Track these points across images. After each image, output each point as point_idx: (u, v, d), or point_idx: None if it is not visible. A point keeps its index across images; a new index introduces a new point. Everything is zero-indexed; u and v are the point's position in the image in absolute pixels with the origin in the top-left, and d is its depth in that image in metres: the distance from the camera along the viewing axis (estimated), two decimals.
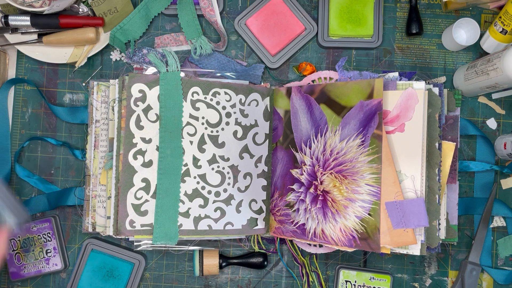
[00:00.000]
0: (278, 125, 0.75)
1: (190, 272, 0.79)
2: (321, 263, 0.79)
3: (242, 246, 0.78)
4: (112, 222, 0.67)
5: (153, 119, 0.68)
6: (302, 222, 0.71)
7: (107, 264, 0.76)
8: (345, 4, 0.77)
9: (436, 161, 0.67)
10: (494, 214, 0.78)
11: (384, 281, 0.76)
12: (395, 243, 0.64)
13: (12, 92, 0.79)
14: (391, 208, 0.64)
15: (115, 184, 0.67)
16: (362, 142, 0.66)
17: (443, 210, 0.70)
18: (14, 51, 0.79)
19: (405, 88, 0.66)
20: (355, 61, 0.80)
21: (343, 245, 0.67)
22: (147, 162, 0.67)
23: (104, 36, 0.77)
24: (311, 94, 0.71)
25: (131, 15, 0.76)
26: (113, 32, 0.75)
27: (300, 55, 0.80)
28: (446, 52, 0.80)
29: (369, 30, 0.77)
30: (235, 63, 0.77)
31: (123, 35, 0.76)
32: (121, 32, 0.76)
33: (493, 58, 0.69)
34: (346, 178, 0.67)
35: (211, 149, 0.70)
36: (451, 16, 0.80)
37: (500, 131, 0.79)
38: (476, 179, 0.79)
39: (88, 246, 0.76)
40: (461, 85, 0.77)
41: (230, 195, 0.71)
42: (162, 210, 0.67)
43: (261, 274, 0.79)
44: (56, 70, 0.79)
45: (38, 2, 0.75)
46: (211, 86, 0.70)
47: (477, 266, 0.75)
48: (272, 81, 0.79)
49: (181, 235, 0.68)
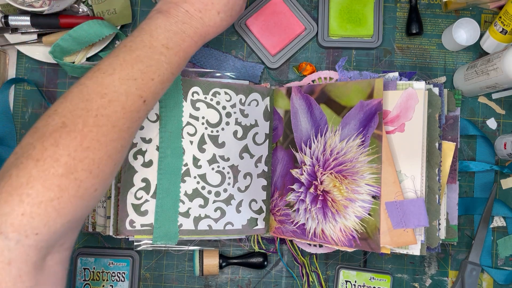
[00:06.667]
0: (278, 125, 0.75)
1: (190, 272, 0.79)
2: (321, 263, 0.79)
3: (242, 246, 0.78)
4: (112, 222, 0.67)
5: (153, 119, 0.68)
6: (302, 222, 0.71)
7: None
8: (345, 4, 0.77)
9: (436, 161, 0.67)
10: (494, 214, 0.78)
11: (384, 281, 0.76)
12: (395, 243, 0.64)
13: (12, 92, 0.79)
14: (391, 208, 0.64)
15: (115, 184, 0.67)
16: (362, 142, 0.66)
17: (443, 210, 0.70)
18: (14, 51, 0.79)
19: (405, 88, 0.66)
20: (355, 61, 0.80)
21: (343, 245, 0.67)
22: (147, 162, 0.67)
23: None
24: (311, 94, 0.71)
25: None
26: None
27: (300, 55, 0.80)
28: (446, 52, 0.80)
29: (369, 30, 0.77)
30: (233, 58, 0.77)
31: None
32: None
33: (493, 58, 0.69)
34: (346, 178, 0.67)
35: (211, 149, 0.70)
36: (451, 16, 0.80)
37: (500, 131, 0.79)
38: (476, 179, 0.79)
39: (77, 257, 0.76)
40: (461, 85, 0.77)
41: (230, 195, 0.71)
42: (162, 210, 0.67)
43: (261, 274, 0.79)
44: (56, 70, 0.79)
45: (38, 2, 0.75)
46: (211, 86, 0.70)
47: (477, 266, 0.75)
48: (272, 81, 0.79)
49: (181, 235, 0.68)
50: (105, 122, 0.51)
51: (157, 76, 0.55)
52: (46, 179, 0.47)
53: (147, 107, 0.56)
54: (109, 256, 0.76)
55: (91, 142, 0.50)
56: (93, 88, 0.52)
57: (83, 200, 0.50)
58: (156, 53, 0.55)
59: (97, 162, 0.51)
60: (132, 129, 0.55)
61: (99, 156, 0.51)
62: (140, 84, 0.54)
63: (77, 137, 0.50)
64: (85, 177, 0.50)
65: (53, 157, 0.48)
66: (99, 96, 0.52)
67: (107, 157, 0.52)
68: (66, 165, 0.48)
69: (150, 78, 0.55)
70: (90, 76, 0.53)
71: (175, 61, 0.57)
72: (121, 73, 0.53)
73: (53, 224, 0.48)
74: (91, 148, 0.50)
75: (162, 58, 0.56)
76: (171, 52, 0.56)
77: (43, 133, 0.50)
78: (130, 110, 0.53)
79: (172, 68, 0.57)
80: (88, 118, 0.51)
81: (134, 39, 0.56)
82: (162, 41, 0.56)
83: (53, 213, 0.48)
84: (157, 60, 0.55)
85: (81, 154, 0.49)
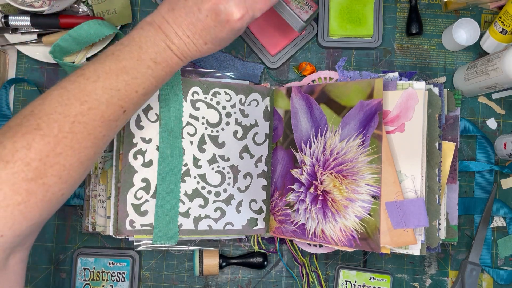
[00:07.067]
0: (278, 125, 0.75)
1: (190, 272, 0.79)
2: (321, 263, 0.79)
3: (242, 246, 0.78)
4: (112, 222, 0.67)
5: (153, 119, 0.68)
6: (302, 222, 0.71)
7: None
8: (345, 4, 0.77)
9: (436, 161, 0.67)
10: (494, 214, 0.78)
11: (384, 281, 0.76)
12: (395, 243, 0.64)
13: (12, 92, 0.79)
14: (391, 208, 0.64)
15: (115, 184, 0.67)
16: (362, 142, 0.66)
17: (443, 210, 0.70)
18: (14, 51, 0.79)
19: (405, 88, 0.66)
20: (355, 61, 0.80)
21: (343, 245, 0.67)
22: (147, 162, 0.67)
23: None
24: (311, 94, 0.71)
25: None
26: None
27: (300, 55, 0.80)
28: (446, 52, 0.80)
29: (369, 30, 0.77)
30: (233, 58, 0.77)
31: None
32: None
33: (493, 58, 0.69)
34: (346, 178, 0.67)
35: (211, 149, 0.70)
36: (451, 16, 0.80)
37: (500, 131, 0.79)
38: (476, 179, 0.79)
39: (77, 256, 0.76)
40: (461, 85, 0.77)
41: (230, 195, 0.71)
42: (162, 210, 0.67)
43: (261, 274, 0.79)
44: (56, 70, 0.79)
45: (38, 2, 0.75)
46: (211, 86, 0.70)
47: (477, 266, 0.75)
48: (272, 81, 0.79)
49: (181, 235, 0.68)
50: (81, 129, 0.51)
51: (141, 89, 0.55)
52: (14, 183, 0.47)
53: (127, 117, 0.55)
54: (109, 256, 0.76)
55: (64, 149, 0.50)
56: (74, 93, 0.51)
57: (49, 204, 0.50)
58: (143, 67, 0.54)
59: (68, 168, 0.50)
60: (108, 137, 0.54)
61: (71, 163, 0.51)
62: (123, 95, 0.53)
63: (51, 143, 0.49)
64: (54, 182, 0.50)
65: (24, 160, 0.48)
66: (79, 102, 0.51)
67: (78, 163, 0.51)
68: (37, 170, 0.48)
69: (134, 90, 0.54)
70: (73, 80, 0.52)
71: (161, 76, 0.56)
72: (105, 82, 0.52)
73: (19, 227, 0.48)
74: (64, 154, 0.50)
75: (149, 71, 0.55)
76: (159, 67, 0.55)
77: (15, 132, 0.49)
78: (109, 120, 0.53)
79: (157, 82, 0.56)
80: (64, 124, 0.50)
81: (122, 48, 0.55)
82: (151, 55, 0.55)
83: (19, 216, 0.48)
84: (144, 73, 0.54)
85: (53, 160, 0.49)
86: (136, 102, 0.55)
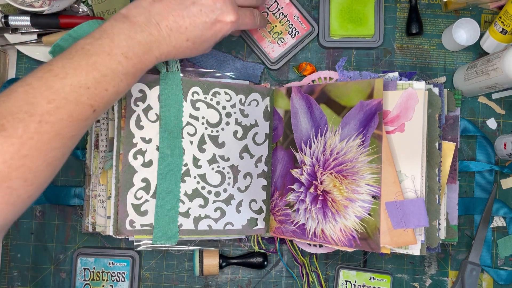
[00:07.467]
0: (278, 125, 0.75)
1: (190, 272, 0.79)
2: (321, 263, 0.79)
3: (242, 246, 0.78)
4: (112, 222, 0.67)
5: (153, 119, 0.68)
6: (302, 222, 0.71)
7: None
8: (345, 4, 0.77)
9: (436, 161, 0.67)
10: (494, 214, 0.78)
11: (384, 281, 0.76)
12: (395, 243, 0.64)
13: None
14: (391, 208, 0.64)
15: (115, 184, 0.67)
16: (362, 142, 0.66)
17: (443, 210, 0.70)
18: (14, 51, 0.79)
19: (405, 88, 0.66)
20: (355, 61, 0.80)
21: (343, 245, 0.67)
22: (147, 162, 0.67)
23: None
24: (311, 94, 0.71)
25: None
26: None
27: (300, 55, 0.80)
28: (446, 52, 0.80)
29: (370, 30, 0.77)
30: (233, 58, 0.77)
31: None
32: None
33: (493, 58, 0.69)
34: (346, 178, 0.67)
35: (211, 149, 0.70)
36: (451, 16, 0.80)
37: (500, 131, 0.79)
38: (476, 179, 0.79)
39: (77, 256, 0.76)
40: (461, 85, 0.77)
41: (230, 195, 0.71)
42: (162, 210, 0.67)
43: (261, 274, 0.79)
44: None
45: (38, 2, 0.75)
46: (211, 86, 0.70)
47: (477, 266, 0.75)
48: (272, 81, 0.79)
49: (181, 235, 0.68)
50: (48, 130, 0.48)
51: (112, 87, 0.52)
52: None
53: (96, 116, 0.52)
54: (109, 256, 0.76)
55: (30, 151, 0.47)
56: (40, 91, 0.48)
57: (14, 207, 0.48)
58: (114, 62, 0.52)
59: (34, 170, 0.48)
60: (77, 137, 0.52)
61: (37, 165, 0.48)
62: (93, 94, 0.50)
63: (15, 144, 0.46)
64: (19, 185, 0.47)
65: None
66: (46, 101, 0.48)
67: (45, 165, 0.49)
68: (0, 173, 0.46)
69: (104, 89, 0.51)
70: (40, 77, 0.49)
71: (132, 73, 0.54)
72: (74, 79, 0.49)
73: None
74: (29, 156, 0.47)
75: (119, 68, 0.52)
76: (130, 63, 0.53)
77: None
78: (78, 119, 0.50)
79: (128, 79, 0.54)
80: (30, 124, 0.47)
81: (93, 41, 0.52)
82: (122, 49, 0.52)
83: None
84: (114, 70, 0.52)
85: (17, 162, 0.46)
86: (107, 101, 0.53)
